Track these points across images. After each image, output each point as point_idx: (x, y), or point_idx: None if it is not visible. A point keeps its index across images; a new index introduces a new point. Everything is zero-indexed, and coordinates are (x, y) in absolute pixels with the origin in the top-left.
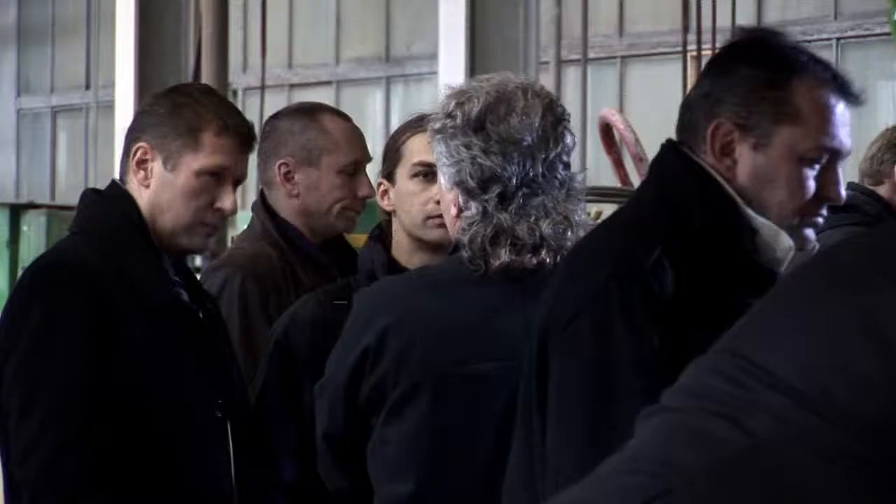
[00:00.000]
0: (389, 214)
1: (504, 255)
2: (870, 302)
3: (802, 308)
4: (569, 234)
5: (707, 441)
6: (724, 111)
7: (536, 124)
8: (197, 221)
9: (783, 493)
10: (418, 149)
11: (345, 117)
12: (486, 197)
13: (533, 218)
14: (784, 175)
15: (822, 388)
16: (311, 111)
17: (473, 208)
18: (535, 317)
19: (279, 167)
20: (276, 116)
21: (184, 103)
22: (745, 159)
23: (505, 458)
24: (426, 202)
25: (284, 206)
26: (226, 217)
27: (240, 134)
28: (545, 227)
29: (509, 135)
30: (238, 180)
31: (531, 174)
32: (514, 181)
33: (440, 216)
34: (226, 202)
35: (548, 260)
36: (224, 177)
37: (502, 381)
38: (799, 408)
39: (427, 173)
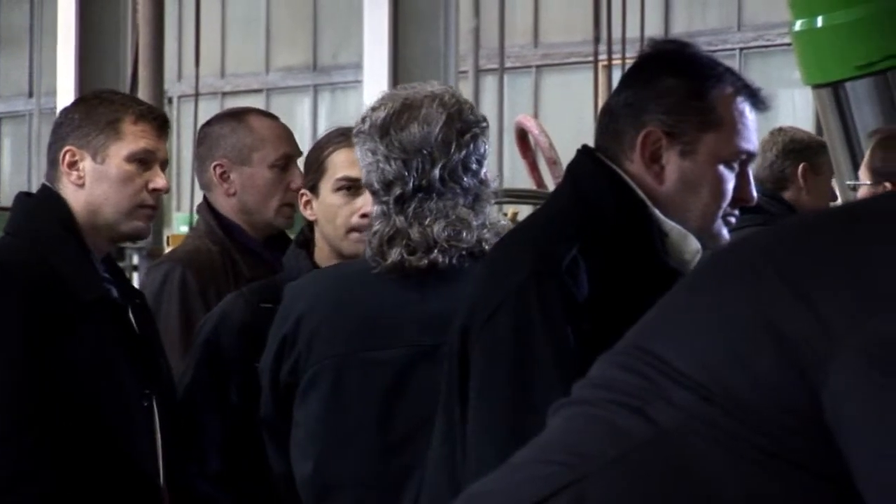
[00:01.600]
0: (312, 223)
1: (396, 255)
2: (764, 298)
3: (703, 306)
4: (464, 235)
5: (615, 431)
6: (651, 120)
7: (436, 132)
8: (135, 205)
9: (686, 479)
10: (342, 163)
11: (271, 116)
12: (387, 199)
13: (427, 221)
14: (709, 179)
15: (721, 381)
16: (239, 114)
17: (377, 209)
18: (430, 310)
19: (215, 168)
20: (208, 123)
21: (96, 104)
22: (673, 165)
23: (400, 441)
24: (349, 215)
25: (224, 205)
26: (160, 195)
27: (155, 118)
28: (438, 229)
29: (409, 141)
30: (163, 163)
31: (428, 179)
32: (411, 185)
33: (360, 230)
34: (158, 182)
35: (440, 260)
36: (150, 161)
37: (397, 368)
38: (700, 400)
39: (350, 187)
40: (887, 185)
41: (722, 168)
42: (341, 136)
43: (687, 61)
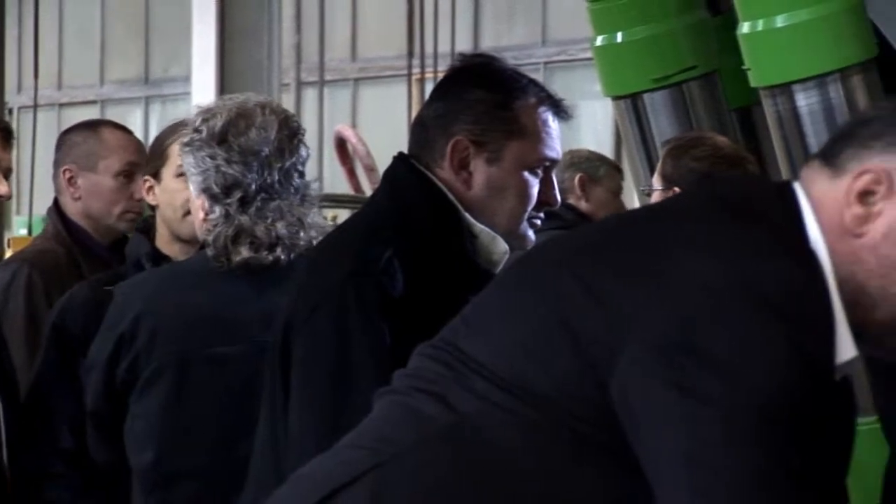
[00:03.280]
0: (153, 209)
1: (244, 252)
2: (561, 298)
3: (507, 304)
4: (301, 234)
5: (419, 417)
6: (460, 130)
7: (273, 137)
8: None
9: (484, 460)
10: None
11: (123, 129)
12: (229, 201)
13: (270, 220)
14: (514, 184)
15: (519, 373)
16: (93, 124)
17: (217, 211)
18: (270, 306)
19: (64, 173)
20: (66, 131)
21: None
22: (480, 172)
23: (242, 434)
24: (188, 199)
25: (71, 209)
26: (3, 201)
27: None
28: (280, 227)
29: (249, 146)
30: (7, 171)
31: (269, 181)
32: (254, 187)
33: None
34: (1, 188)
35: (282, 257)
36: None
37: (240, 363)
38: (499, 389)
39: None
40: (676, 189)
41: (526, 174)
42: (183, 127)
43: (493, 74)
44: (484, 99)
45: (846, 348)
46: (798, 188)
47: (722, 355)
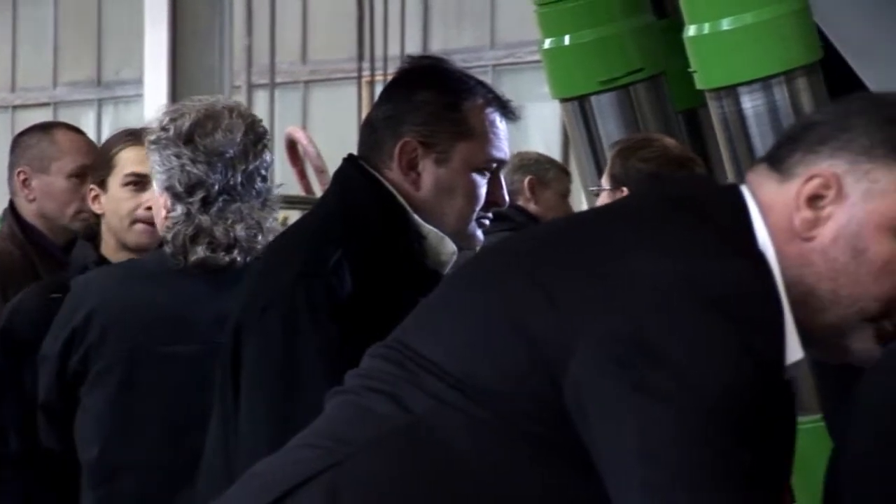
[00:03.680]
0: (98, 217)
1: (201, 252)
2: (513, 297)
3: (459, 304)
4: (259, 237)
5: (371, 417)
6: (408, 131)
7: (238, 140)
8: None
9: (438, 460)
10: (131, 160)
11: (77, 130)
12: (191, 200)
13: (230, 221)
14: (462, 185)
15: (471, 372)
16: (46, 126)
17: (179, 210)
18: (225, 307)
19: (18, 175)
20: (20, 134)
21: None
22: (429, 173)
23: (190, 431)
24: (135, 208)
25: (26, 210)
26: None
27: None
28: (239, 230)
29: (214, 147)
30: None
31: (231, 183)
32: (217, 188)
33: (147, 222)
34: None
35: (238, 259)
36: None
37: (192, 363)
38: (450, 388)
39: (138, 182)
40: (624, 189)
41: (475, 175)
42: (129, 136)
43: (441, 76)
44: (432, 100)
45: (794, 350)
46: (745, 191)
47: (672, 354)
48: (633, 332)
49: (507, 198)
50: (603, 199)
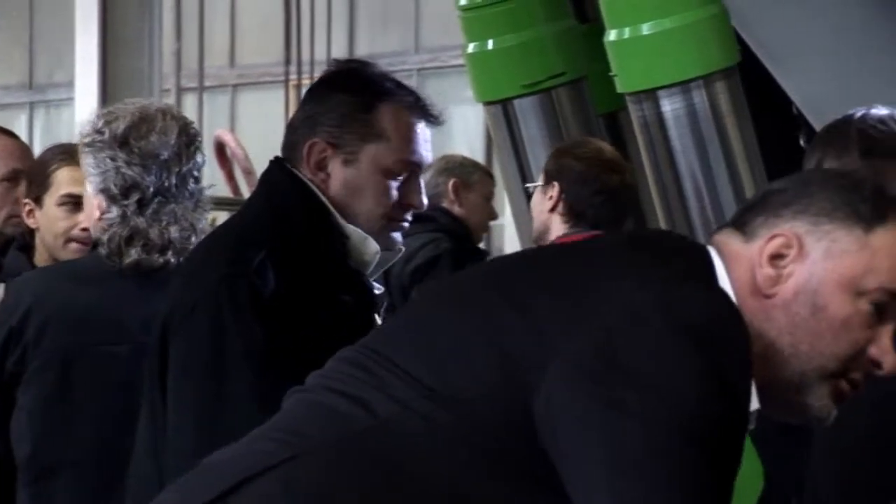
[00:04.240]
0: (33, 231)
1: (135, 254)
2: (488, 316)
3: (439, 321)
4: (193, 239)
5: (336, 418)
6: (320, 132)
7: (172, 142)
8: None
9: (396, 461)
10: (66, 180)
11: (9, 134)
12: (127, 202)
13: (164, 223)
14: (371, 186)
15: (443, 383)
16: None
17: (114, 212)
18: (157, 308)
19: None
20: None
21: None
22: (337, 173)
23: (124, 431)
24: (70, 228)
25: None
26: None
27: None
28: (174, 231)
29: (149, 150)
30: None
31: (166, 184)
32: (151, 190)
33: (81, 241)
34: None
35: (172, 260)
36: None
37: (125, 363)
38: (421, 398)
39: (74, 203)
40: (556, 184)
41: (384, 177)
42: (65, 154)
43: (359, 78)
44: (345, 101)
45: (753, 398)
46: (711, 250)
47: (642, 370)
48: (606, 350)
49: (424, 201)
50: (536, 196)
